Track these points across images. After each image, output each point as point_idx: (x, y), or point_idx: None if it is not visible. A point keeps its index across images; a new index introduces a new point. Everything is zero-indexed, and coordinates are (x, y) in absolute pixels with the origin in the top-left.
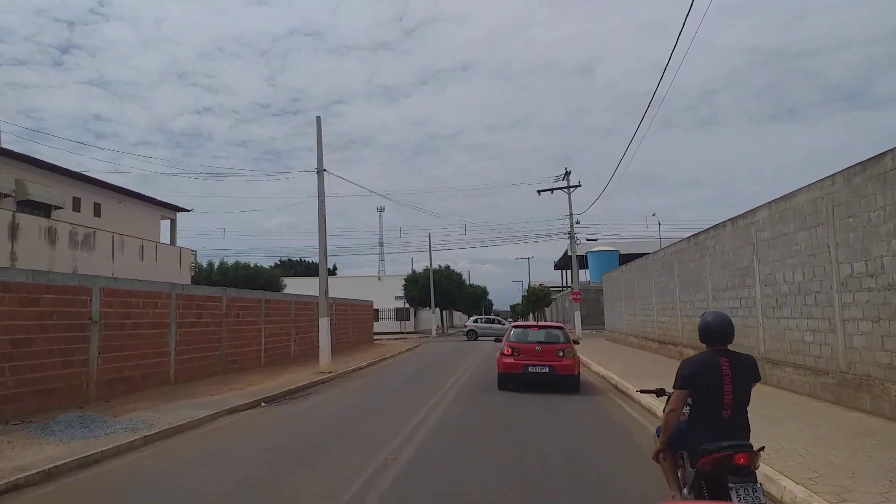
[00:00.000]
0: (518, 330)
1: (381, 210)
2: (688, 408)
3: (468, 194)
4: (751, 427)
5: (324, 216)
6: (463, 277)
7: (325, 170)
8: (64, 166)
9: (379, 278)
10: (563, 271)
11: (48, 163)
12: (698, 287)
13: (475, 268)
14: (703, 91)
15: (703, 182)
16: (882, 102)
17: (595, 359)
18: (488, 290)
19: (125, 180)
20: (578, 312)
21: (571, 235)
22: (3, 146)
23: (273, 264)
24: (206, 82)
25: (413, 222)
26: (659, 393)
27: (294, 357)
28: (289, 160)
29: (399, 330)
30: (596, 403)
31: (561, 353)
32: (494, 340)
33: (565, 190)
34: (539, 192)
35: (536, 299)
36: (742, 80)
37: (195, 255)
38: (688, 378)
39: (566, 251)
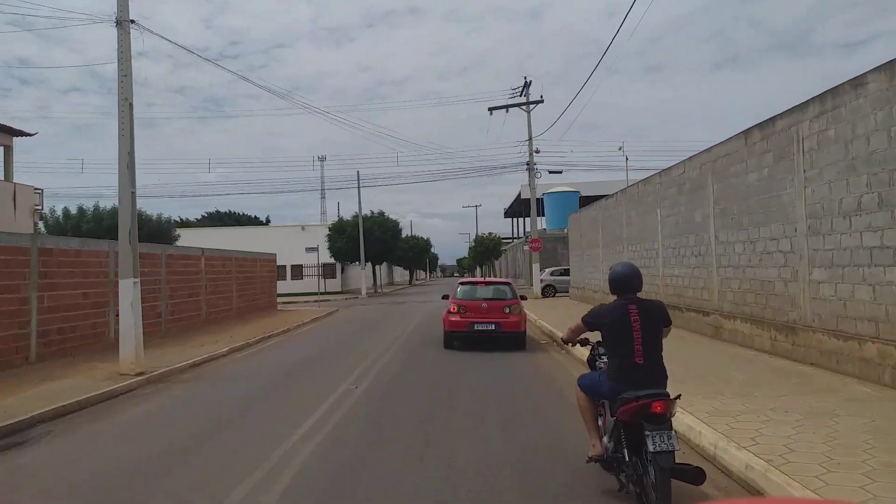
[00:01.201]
0: (465, 287)
1: (321, 159)
2: (605, 358)
3: (417, 142)
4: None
5: (127, 86)
6: (401, 226)
7: (132, 21)
8: None
9: (303, 228)
10: (515, 220)
11: None
12: (770, 216)
13: (422, 222)
14: (651, 36)
15: (651, 129)
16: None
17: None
18: (434, 243)
19: (56, 128)
20: (537, 265)
21: (530, 166)
22: None
23: (200, 216)
24: (142, 23)
25: (368, 175)
26: (583, 343)
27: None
28: (229, 107)
29: (321, 290)
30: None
31: (507, 310)
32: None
33: (523, 107)
34: (491, 109)
35: (485, 250)
36: (691, 25)
37: (40, 194)
38: (593, 323)
39: (518, 195)
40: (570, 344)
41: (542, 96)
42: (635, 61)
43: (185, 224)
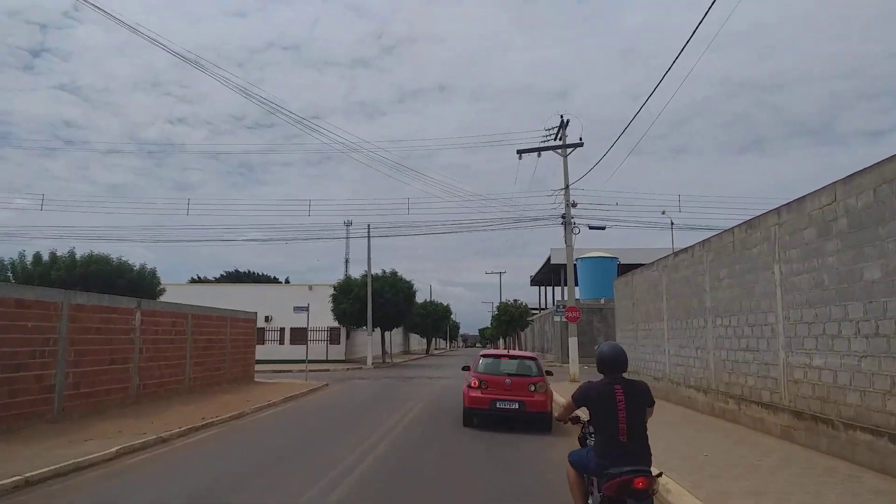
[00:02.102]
0: (487, 360)
1: (347, 224)
2: (592, 436)
3: (443, 214)
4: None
5: None
6: (415, 288)
7: None
8: None
9: (310, 287)
10: (543, 288)
11: None
12: None
13: (444, 290)
14: (675, 119)
15: (672, 211)
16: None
17: None
18: (456, 313)
19: (94, 188)
20: (574, 340)
21: (567, 219)
22: None
23: (218, 275)
24: (180, 92)
25: (388, 243)
26: (574, 420)
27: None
28: (262, 174)
29: (324, 357)
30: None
31: (533, 388)
32: (463, 368)
33: (558, 151)
34: (520, 153)
35: (510, 320)
36: (713, 110)
37: None
38: (580, 399)
39: (547, 260)
40: (563, 422)
41: (581, 139)
42: (660, 143)
43: (201, 281)
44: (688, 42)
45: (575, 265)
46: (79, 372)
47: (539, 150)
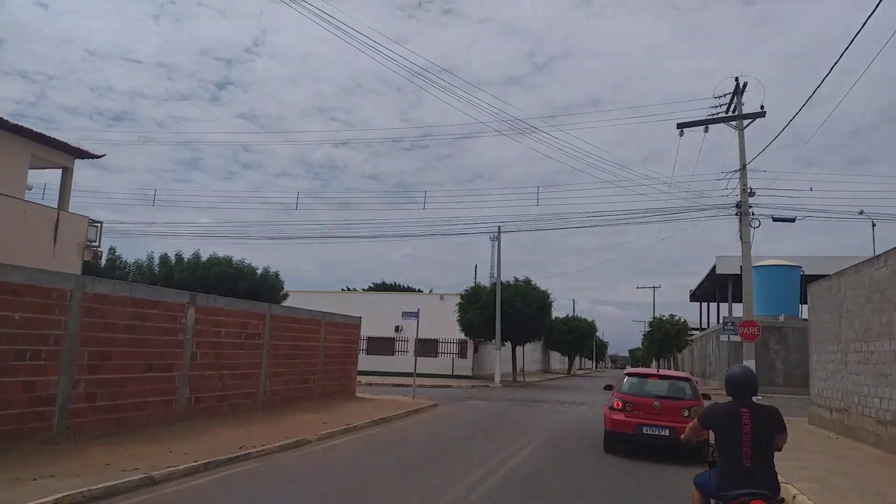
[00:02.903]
0: (633, 379)
1: (494, 238)
2: (715, 458)
3: (592, 231)
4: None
5: None
6: (551, 298)
7: None
8: None
9: (441, 297)
10: (704, 305)
11: None
12: None
13: (594, 309)
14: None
15: (847, 227)
16: None
17: None
18: (604, 331)
19: (267, 208)
20: (752, 363)
21: (742, 209)
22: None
23: (367, 287)
24: (344, 117)
25: (528, 259)
26: (703, 444)
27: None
28: (415, 194)
29: (449, 372)
30: None
31: (686, 413)
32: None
33: (732, 124)
34: (681, 127)
35: (664, 338)
36: None
37: (98, 228)
38: (705, 421)
39: (710, 271)
40: (690, 444)
41: (763, 107)
42: (838, 153)
43: (348, 290)
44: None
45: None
46: (94, 380)
47: (706, 122)
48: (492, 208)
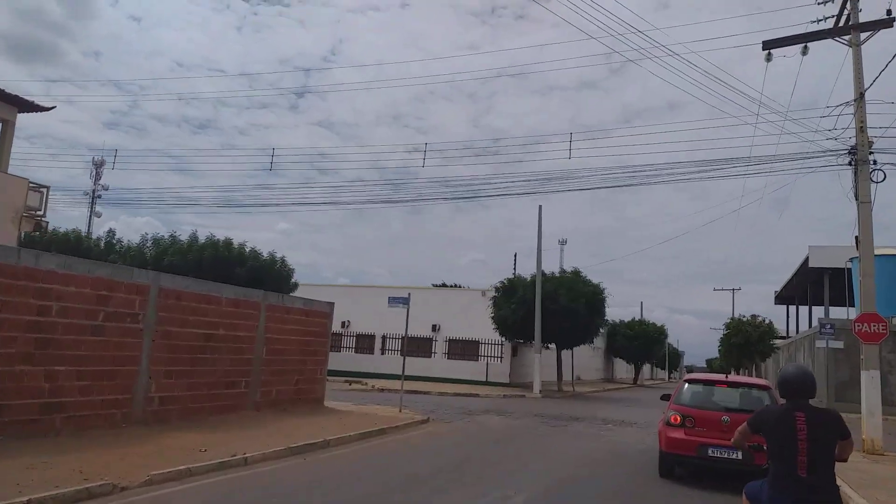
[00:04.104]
0: (695, 387)
1: (562, 243)
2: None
3: (665, 236)
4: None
5: None
6: (605, 293)
7: None
8: None
9: (483, 293)
10: (792, 308)
11: None
12: None
13: (669, 318)
14: None
15: None
16: None
17: None
18: (681, 341)
19: (343, 213)
20: (875, 376)
21: (859, 156)
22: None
23: (430, 285)
24: (416, 124)
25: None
26: (756, 449)
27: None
28: (485, 199)
29: (483, 378)
30: None
31: None
32: (662, 398)
33: (841, 39)
34: (767, 46)
35: (744, 342)
36: None
37: (42, 195)
38: (755, 424)
39: (802, 264)
40: (739, 449)
41: (889, 12)
42: None
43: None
44: None
45: (848, 269)
46: None
47: (805, 38)
48: (559, 214)
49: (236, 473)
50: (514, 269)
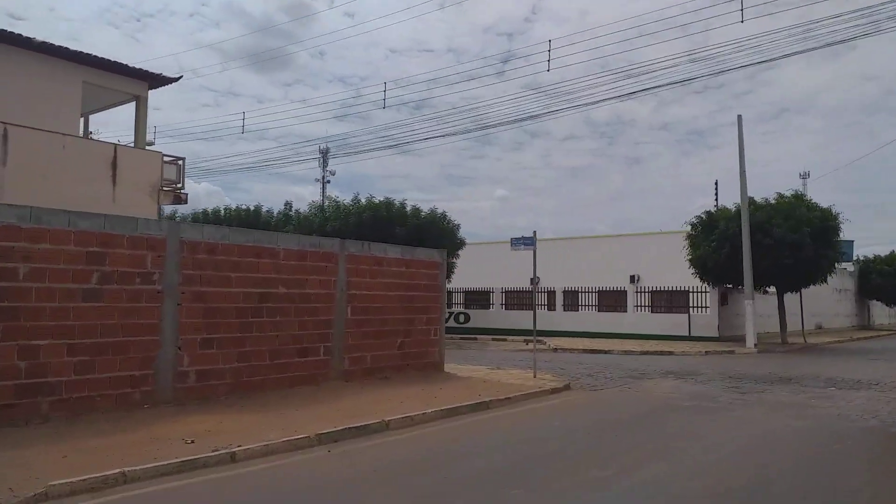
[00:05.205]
0: None
1: (804, 177)
2: None
3: None
4: None
5: None
6: (840, 219)
7: None
8: None
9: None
10: None
11: None
12: None
13: None
14: None
15: None
16: None
17: None
18: None
19: (557, 173)
20: None
21: None
22: None
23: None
24: (626, 68)
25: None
26: None
27: None
28: (712, 138)
29: (685, 333)
30: None
31: None
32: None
33: None
34: None
35: None
36: None
37: (179, 167)
38: None
39: None
40: None
41: None
42: None
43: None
44: None
45: None
46: None
47: None
48: (799, 145)
49: (195, 479)
50: (716, 199)
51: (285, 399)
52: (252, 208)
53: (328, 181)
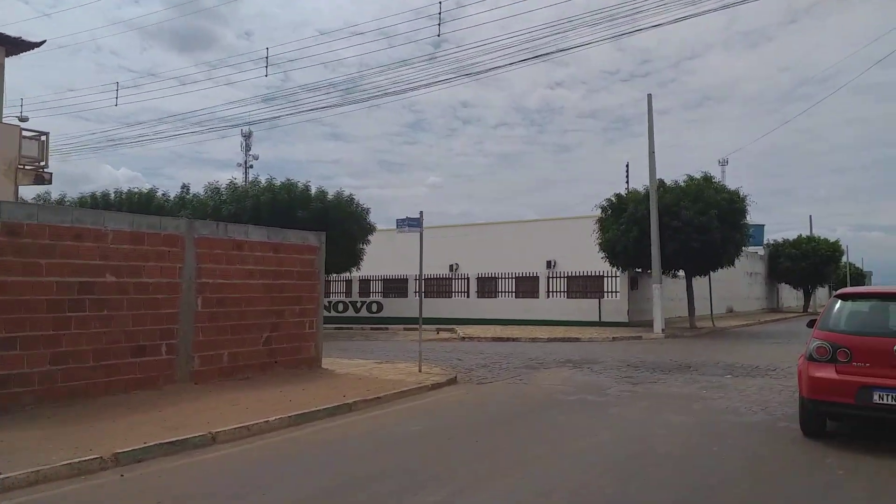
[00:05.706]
0: (854, 305)
1: (723, 164)
2: None
3: (852, 146)
4: None
5: None
6: (746, 202)
7: None
8: None
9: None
10: None
11: None
12: None
13: (856, 237)
14: None
15: None
16: None
17: None
18: (870, 262)
19: (488, 160)
20: None
21: None
22: None
23: None
24: (557, 56)
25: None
26: None
27: None
28: (637, 126)
29: (595, 318)
30: None
31: None
32: (808, 325)
33: None
34: None
35: None
36: None
37: (42, 143)
38: None
39: None
40: None
41: None
42: None
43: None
44: None
45: None
46: None
47: None
48: (722, 132)
49: None
50: (627, 182)
51: (110, 408)
52: (145, 191)
53: (251, 166)
